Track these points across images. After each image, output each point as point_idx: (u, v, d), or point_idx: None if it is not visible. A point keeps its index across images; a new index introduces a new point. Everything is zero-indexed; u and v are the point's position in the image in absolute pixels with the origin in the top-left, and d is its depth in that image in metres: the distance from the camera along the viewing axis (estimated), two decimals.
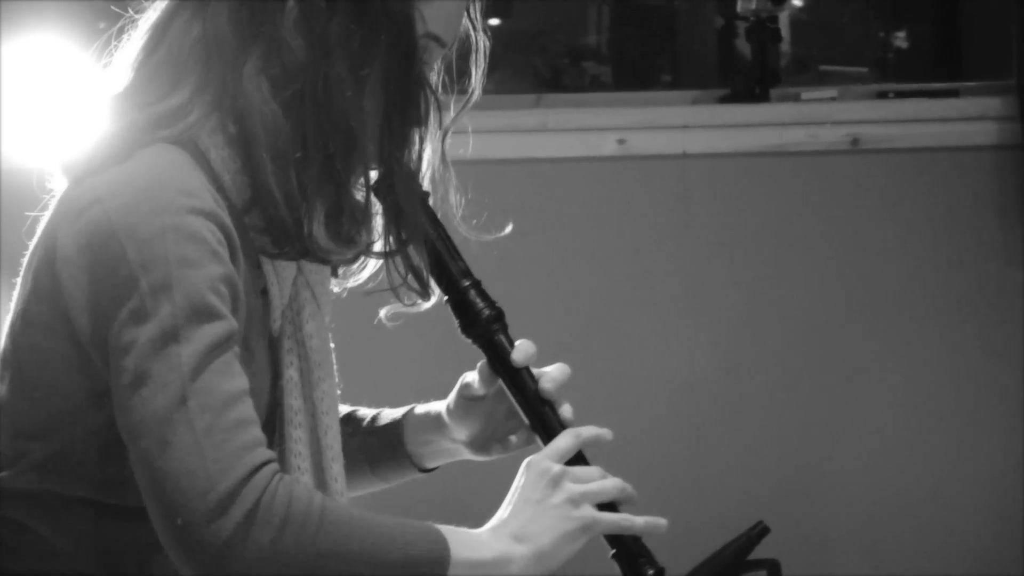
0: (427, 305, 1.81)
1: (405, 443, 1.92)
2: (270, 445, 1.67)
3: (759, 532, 1.84)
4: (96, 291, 1.58)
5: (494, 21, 5.03)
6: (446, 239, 1.80)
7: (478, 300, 1.80)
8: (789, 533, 3.56)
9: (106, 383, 1.59)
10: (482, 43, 1.82)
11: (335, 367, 1.81)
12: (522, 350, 1.80)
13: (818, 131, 3.65)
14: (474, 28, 1.80)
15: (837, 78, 4.69)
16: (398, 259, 1.73)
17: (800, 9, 4.92)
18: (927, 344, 3.67)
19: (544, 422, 1.79)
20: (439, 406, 1.91)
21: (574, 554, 1.69)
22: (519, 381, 1.80)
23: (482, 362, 1.84)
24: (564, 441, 1.74)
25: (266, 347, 1.75)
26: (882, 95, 3.85)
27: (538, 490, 1.69)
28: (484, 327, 1.80)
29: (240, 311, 1.63)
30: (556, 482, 1.69)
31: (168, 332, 1.55)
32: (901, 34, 4.94)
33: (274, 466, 1.58)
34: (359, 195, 1.68)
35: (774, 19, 3.82)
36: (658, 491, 3.63)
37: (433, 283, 1.79)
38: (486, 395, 1.86)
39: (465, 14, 1.78)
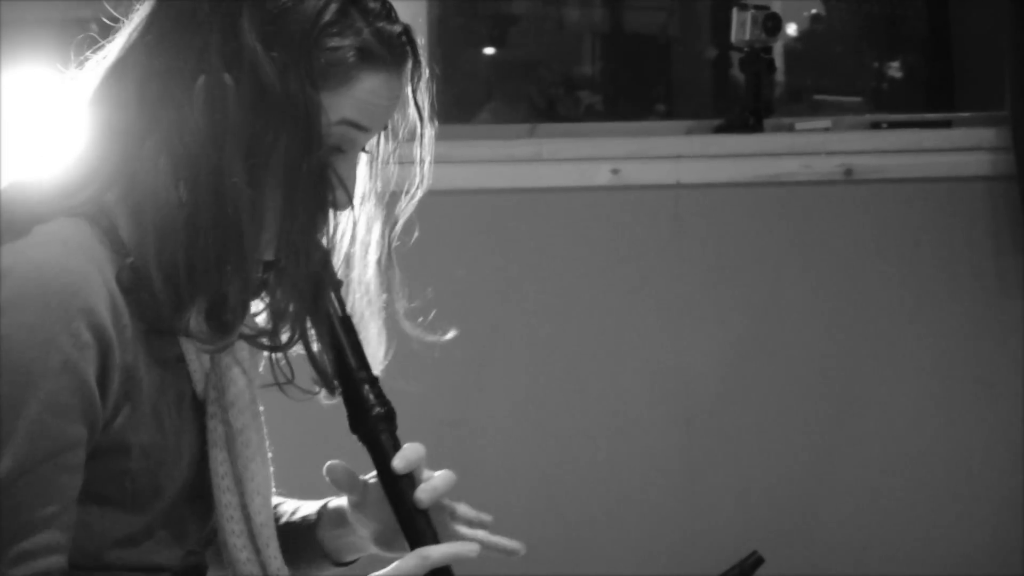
0: (329, 399, 1.76)
1: (321, 540, 1.88)
2: (207, 510, 1.70)
3: (753, 562, 1.84)
4: None
5: (489, 50, 5.07)
6: (349, 330, 1.73)
7: (370, 397, 1.73)
8: (783, 563, 3.56)
9: None
10: (428, 133, 1.75)
11: (264, 431, 1.78)
12: (404, 456, 1.72)
13: (812, 161, 3.65)
14: (420, 119, 1.74)
15: (831, 108, 4.70)
16: (287, 354, 1.68)
17: (794, 40, 4.94)
18: (921, 373, 3.67)
19: (412, 535, 1.72)
20: (344, 501, 1.87)
21: None
22: (396, 487, 1.73)
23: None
24: (409, 562, 1.69)
25: (191, 414, 1.72)
26: (876, 125, 3.86)
27: None
28: (370, 426, 1.72)
29: (122, 403, 1.61)
30: None
31: None
32: (895, 65, 4.96)
33: None
34: (246, 288, 1.62)
35: (768, 50, 3.83)
36: (652, 521, 3.64)
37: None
38: (365, 500, 1.82)
39: (412, 101, 1.72)
